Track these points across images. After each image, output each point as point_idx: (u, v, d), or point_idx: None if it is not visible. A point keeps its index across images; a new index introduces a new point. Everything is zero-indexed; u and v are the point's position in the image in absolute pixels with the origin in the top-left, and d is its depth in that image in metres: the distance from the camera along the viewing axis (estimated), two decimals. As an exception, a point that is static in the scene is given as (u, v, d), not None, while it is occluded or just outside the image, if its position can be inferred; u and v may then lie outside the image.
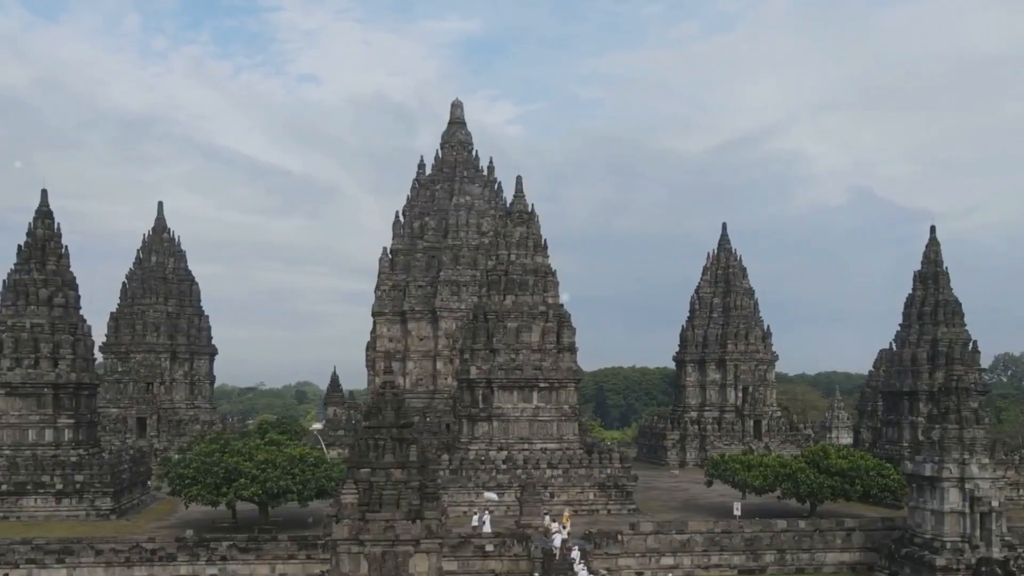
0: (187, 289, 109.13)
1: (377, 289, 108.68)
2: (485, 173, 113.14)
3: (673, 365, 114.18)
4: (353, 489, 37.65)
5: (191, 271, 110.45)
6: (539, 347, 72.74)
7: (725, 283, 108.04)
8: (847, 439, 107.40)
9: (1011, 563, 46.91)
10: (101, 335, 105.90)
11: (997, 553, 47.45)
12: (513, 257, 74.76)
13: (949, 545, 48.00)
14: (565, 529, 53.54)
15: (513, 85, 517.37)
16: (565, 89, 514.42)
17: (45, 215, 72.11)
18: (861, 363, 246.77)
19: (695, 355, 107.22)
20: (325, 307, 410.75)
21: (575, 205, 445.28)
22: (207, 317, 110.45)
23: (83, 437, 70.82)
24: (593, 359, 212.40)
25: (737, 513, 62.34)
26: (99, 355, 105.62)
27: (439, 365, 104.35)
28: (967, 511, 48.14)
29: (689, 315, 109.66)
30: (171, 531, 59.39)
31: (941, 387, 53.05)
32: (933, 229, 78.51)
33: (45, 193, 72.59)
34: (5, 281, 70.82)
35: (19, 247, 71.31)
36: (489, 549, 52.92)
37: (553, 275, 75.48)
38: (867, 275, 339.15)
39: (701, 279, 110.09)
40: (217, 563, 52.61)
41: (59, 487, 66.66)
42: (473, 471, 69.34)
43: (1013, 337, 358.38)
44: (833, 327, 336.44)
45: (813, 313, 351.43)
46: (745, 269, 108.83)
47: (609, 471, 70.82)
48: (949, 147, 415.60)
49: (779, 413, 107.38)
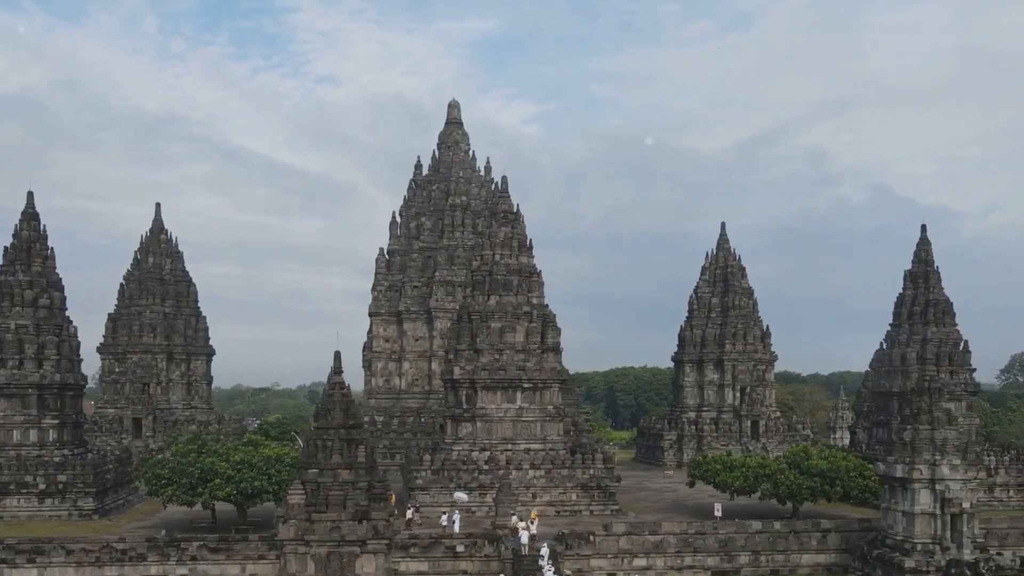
0: (184, 290, 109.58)
1: (374, 289, 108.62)
2: (482, 173, 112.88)
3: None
4: (300, 490, 37.63)
5: (188, 272, 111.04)
6: (523, 347, 72.48)
7: (724, 283, 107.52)
8: (848, 439, 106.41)
9: (981, 565, 46.37)
10: (101, 336, 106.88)
11: (968, 555, 46.87)
12: (498, 257, 74.55)
13: (919, 547, 47.41)
14: (533, 524, 53.36)
15: (529, 84, 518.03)
16: (581, 88, 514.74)
17: (31, 216, 72.55)
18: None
19: (693, 355, 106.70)
20: (341, 307, 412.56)
21: (592, 203, 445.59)
22: (205, 318, 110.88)
23: (68, 438, 71.20)
24: (606, 359, 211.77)
25: (718, 514, 61.87)
26: (97, 356, 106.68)
27: (434, 365, 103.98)
28: (938, 512, 47.52)
29: (688, 315, 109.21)
30: (148, 531, 59.46)
31: (913, 388, 52.31)
32: (924, 228, 77.88)
33: (31, 195, 73.03)
34: (-9, 283, 71.18)
35: (4, 248, 71.83)
36: (460, 550, 52.64)
37: (538, 275, 75.17)
38: (887, 273, 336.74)
39: (700, 279, 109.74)
40: (187, 563, 52.41)
41: (42, 487, 67.10)
42: (455, 472, 69.04)
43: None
44: (851, 326, 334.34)
45: (831, 312, 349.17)
46: (744, 269, 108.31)
47: (592, 472, 70.37)
48: (970, 145, 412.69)
49: (777, 413, 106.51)
